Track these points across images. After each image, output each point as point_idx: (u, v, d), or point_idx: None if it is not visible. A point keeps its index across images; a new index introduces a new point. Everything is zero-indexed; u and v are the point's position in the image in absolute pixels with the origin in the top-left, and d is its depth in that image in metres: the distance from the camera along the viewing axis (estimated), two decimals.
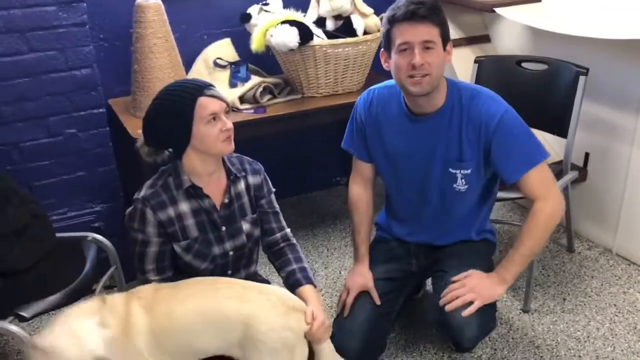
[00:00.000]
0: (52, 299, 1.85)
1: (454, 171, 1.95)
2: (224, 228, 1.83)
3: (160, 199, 1.76)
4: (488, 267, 2.04)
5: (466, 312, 1.84)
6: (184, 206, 1.78)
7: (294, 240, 1.97)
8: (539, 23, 2.64)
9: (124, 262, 2.26)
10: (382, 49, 1.90)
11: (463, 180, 1.95)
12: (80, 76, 2.38)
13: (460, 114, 1.91)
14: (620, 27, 2.43)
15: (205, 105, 1.71)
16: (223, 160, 1.85)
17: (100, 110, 2.46)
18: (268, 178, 1.95)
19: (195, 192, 1.79)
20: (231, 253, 1.85)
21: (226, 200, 1.83)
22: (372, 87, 2.08)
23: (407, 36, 1.78)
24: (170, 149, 1.77)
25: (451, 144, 1.93)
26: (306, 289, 1.82)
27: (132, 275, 2.66)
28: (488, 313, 1.93)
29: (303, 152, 3.40)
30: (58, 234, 2.14)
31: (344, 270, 2.76)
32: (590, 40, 2.47)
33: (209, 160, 1.79)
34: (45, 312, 1.86)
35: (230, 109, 1.87)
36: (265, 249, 1.98)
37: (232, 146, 1.79)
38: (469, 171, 1.94)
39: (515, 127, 1.90)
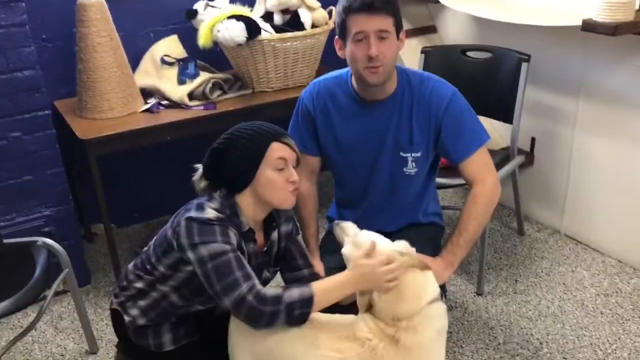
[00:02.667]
0: (1, 306, 1.80)
1: (404, 155, 1.99)
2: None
3: (231, 225, 1.64)
4: (436, 251, 2.09)
5: None
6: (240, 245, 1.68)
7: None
8: (481, 12, 2.70)
9: (76, 267, 2.22)
10: (337, 37, 1.92)
11: (413, 163, 1.99)
12: (22, 78, 2.32)
13: (411, 97, 1.94)
14: (558, 14, 2.51)
15: (278, 149, 1.65)
16: None
17: (46, 112, 2.41)
18: (295, 220, 1.90)
19: (247, 236, 1.70)
20: None
21: (265, 249, 1.77)
22: (316, 80, 2.08)
23: (362, 26, 1.80)
24: (226, 188, 1.67)
25: (402, 127, 1.96)
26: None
27: (84, 280, 2.64)
28: None
29: None
30: (6, 240, 2.08)
31: None
32: (531, 28, 2.54)
33: (263, 207, 1.70)
34: None
35: (300, 160, 1.74)
36: (287, 283, 1.89)
37: (294, 200, 1.70)
38: (419, 154, 1.97)
39: (464, 108, 1.95)
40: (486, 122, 3.01)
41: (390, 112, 1.96)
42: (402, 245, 1.61)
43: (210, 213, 1.61)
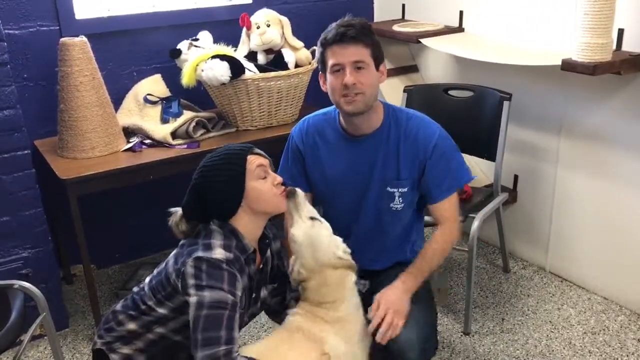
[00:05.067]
0: None
1: (391, 190, 1.99)
2: (254, 295, 1.74)
3: (240, 263, 1.63)
4: (429, 296, 2.06)
5: (391, 336, 1.83)
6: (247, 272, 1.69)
7: None
8: (462, 52, 2.74)
9: (55, 310, 2.15)
10: (320, 72, 1.95)
11: (400, 198, 1.99)
12: (2, 117, 2.29)
13: (398, 133, 1.96)
14: (538, 54, 2.56)
15: (254, 160, 1.67)
16: None
17: (25, 151, 2.37)
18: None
19: (250, 257, 1.69)
20: (246, 319, 1.77)
21: (261, 265, 1.76)
22: (306, 117, 2.10)
23: (338, 57, 1.83)
24: (217, 218, 1.67)
25: (389, 162, 1.97)
26: None
27: (62, 324, 2.57)
28: (426, 331, 1.94)
29: None
30: None
31: None
32: (511, 67, 2.58)
33: (259, 222, 1.71)
34: None
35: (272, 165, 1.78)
36: (270, 308, 1.91)
37: (286, 203, 1.73)
38: (406, 189, 1.98)
39: (449, 149, 1.97)
40: (469, 160, 3.05)
41: (376, 147, 1.97)
42: (342, 248, 1.79)
43: (218, 253, 1.59)
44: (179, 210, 1.71)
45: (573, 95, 2.58)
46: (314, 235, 1.73)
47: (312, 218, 1.76)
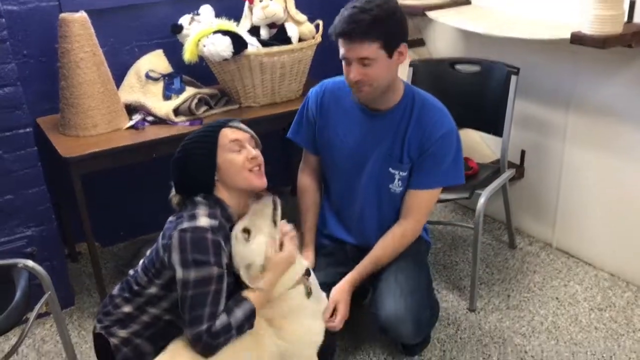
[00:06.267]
0: None
1: (393, 171, 2.00)
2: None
3: (225, 232, 1.66)
4: (421, 267, 2.08)
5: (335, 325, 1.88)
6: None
7: None
8: (468, 25, 2.68)
9: (60, 288, 2.15)
10: None
11: (399, 182, 2.00)
12: (3, 95, 2.26)
13: (410, 118, 1.96)
14: (547, 27, 2.50)
15: (228, 134, 1.71)
16: None
17: (27, 129, 2.34)
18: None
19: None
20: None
21: None
22: (325, 80, 2.12)
23: (345, 52, 1.85)
24: (201, 190, 1.70)
25: (396, 144, 1.98)
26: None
27: (68, 301, 2.57)
28: (416, 301, 1.95)
29: None
30: None
31: None
32: (519, 40, 2.53)
33: (239, 197, 1.73)
34: None
35: (259, 142, 1.81)
36: None
37: (264, 180, 1.73)
38: (405, 173, 1.98)
39: (450, 147, 1.97)
40: (476, 135, 3.02)
41: (388, 126, 1.98)
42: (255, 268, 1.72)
43: (202, 221, 1.61)
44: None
45: (582, 68, 2.53)
46: (233, 242, 1.69)
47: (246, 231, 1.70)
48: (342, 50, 1.85)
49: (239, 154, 1.71)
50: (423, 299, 1.99)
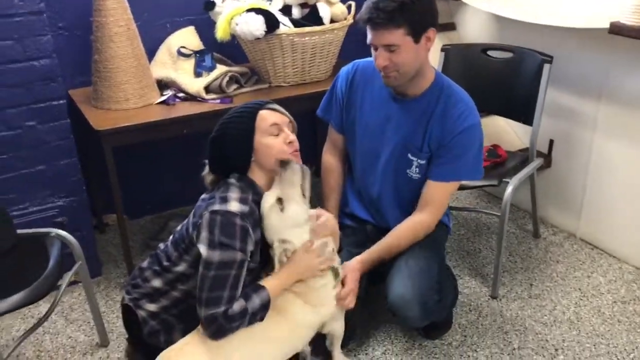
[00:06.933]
0: (15, 298, 1.78)
1: (412, 158, 2.02)
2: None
3: (253, 218, 1.66)
4: (435, 252, 2.08)
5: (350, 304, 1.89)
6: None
7: None
8: (502, 11, 2.65)
9: (88, 258, 2.20)
10: None
11: (417, 169, 2.02)
12: (39, 67, 2.29)
13: (435, 108, 1.96)
14: (582, 16, 2.46)
15: (266, 117, 1.71)
16: None
17: (61, 101, 2.38)
18: None
19: None
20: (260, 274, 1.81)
21: None
22: (357, 60, 2.13)
23: (371, 39, 1.86)
24: (235, 172, 1.71)
25: (418, 132, 1.99)
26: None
27: (96, 271, 2.63)
28: (424, 285, 1.97)
29: None
30: (19, 231, 2.08)
31: None
32: (554, 28, 2.50)
33: (272, 178, 1.73)
34: (8, 312, 1.80)
35: (296, 126, 1.81)
36: None
37: (300, 162, 1.73)
38: (424, 162, 2.01)
39: (471, 143, 1.96)
40: (503, 122, 3.00)
41: (413, 112, 1.99)
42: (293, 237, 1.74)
43: (233, 205, 1.62)
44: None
45: (618, 59, 2.49)
46: (266, 214, 1.69)
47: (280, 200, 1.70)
48: (369, 38, 1.86)
49: (277, 137, 1.71)
50: (432, 283, 2.00)
